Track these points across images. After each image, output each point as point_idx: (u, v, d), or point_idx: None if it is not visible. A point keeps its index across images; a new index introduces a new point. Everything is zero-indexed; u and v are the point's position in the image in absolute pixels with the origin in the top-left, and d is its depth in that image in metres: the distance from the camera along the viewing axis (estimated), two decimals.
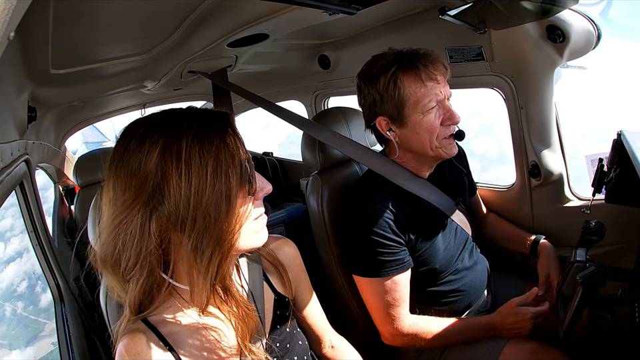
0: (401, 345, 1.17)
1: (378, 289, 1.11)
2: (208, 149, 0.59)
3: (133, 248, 0.59)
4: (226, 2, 0.97)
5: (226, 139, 0.61)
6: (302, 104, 2.40)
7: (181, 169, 0.57)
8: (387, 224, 1.08)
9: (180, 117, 0.62)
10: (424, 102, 1.06)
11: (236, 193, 0.61)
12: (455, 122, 1.09)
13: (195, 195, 0.58)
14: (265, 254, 0.85)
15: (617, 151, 0.93)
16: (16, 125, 1.11)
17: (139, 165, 0.58)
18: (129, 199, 0.59)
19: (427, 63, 1.06)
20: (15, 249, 3.79)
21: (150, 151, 0.58)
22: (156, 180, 0.58)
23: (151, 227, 0.59)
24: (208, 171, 0.58)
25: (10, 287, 3.77)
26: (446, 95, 1.09)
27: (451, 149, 1.13)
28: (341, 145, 1.26)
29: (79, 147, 4.63)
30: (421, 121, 1.08)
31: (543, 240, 1.28)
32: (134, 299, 0.64)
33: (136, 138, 0.60)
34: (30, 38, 0.83)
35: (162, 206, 0.59)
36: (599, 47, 1.17)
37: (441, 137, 1.09)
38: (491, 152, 2.58)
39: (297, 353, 0.81)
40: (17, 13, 0.31)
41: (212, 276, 0.61)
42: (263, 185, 0.67)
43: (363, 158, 1.23)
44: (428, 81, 1.05)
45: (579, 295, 0.84)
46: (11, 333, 3.18)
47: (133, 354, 0.62)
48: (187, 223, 0.58)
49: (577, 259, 0.91)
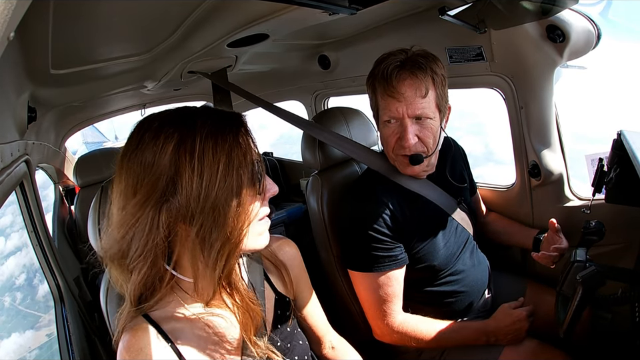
0: (391, 342, 1.17)
1: (371, 284, 1.12)
2: (221, 146, 0.60)
3: (141, 239, 0.60)
4: (226, 2, 0.97)
5: (239, 138, 0.63)
6: (302, 104, 2.40)
7: (194, 163, 0.59)
8: (383, 220, 1.09)
9: (195, 114, 0.64)
10: (381, 113, 1.10)
11: (246, 190, 0.63)
12: (404, 146, 1.06)
13: (206, 189, 0.59)
14: (266, 254, 0.85)
15: (617, 151, 0.92)
16: (16, 125, 1.11)
17: (154, 157, 0.59)
18: (142, 197, 0.59)
19: (400, 78, 1.03)
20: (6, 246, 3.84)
21: (165, 145, 0.59)
22: (169, 174, 0.59)
23: (160, 219, 0.60)
24: (220, 167, 0.60)
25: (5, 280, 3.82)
26: (406, 113, 1.04)
27: (404, 168, 1.13)
28: (341, 145, 1.27)
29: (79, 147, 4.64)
30: (381, 131, 1.13)
31: (545, 235, 1.26)
32: (134, 290, 0.65)
33: (151, 131, 0.61)
34: (30, 38, 0.83)
35: (173, 198, 0.60)
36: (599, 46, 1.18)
37: (395, 152, 1.11)
38: (477, 150, 2.62)
39: (297, 352, 0.81)
40: (17, 12, 0.31)
41: (220, 269, 0.62)
42: (270, 186, 0.69)
43: (363, 157, 1.24)
44: (387, 96, 1.05)
45: (578, 295, 0.84)
46: (7, 326, 3.22)
47: (135, 350, 0.62)
48: (196, 215, 0.59)
49: (577, 259, 0.91)
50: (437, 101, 1.07)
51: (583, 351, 1.14)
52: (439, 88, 1.06)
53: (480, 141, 7.19)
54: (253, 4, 0.99)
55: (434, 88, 1.05)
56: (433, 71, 1.05)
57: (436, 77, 1.05)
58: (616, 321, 1.00)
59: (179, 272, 0.67)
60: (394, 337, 1.15)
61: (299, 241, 0.94)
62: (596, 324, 1.15)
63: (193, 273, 0.64)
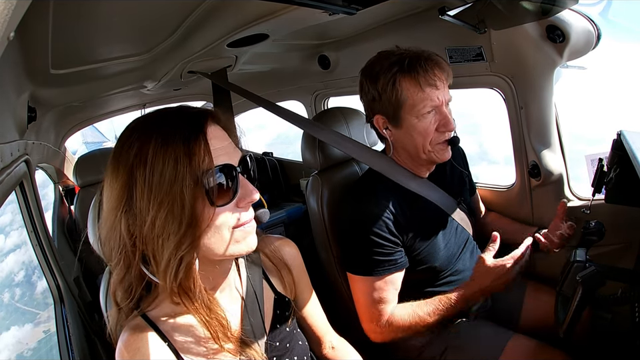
0: (383, 339, 1.17)
1: (369, 287, 1.12)
2: (170, 155, 0.58)
3: (114, 243, 0.63)
4: (226, 2, 0.97)
5: (192, 145, 0.59)
6: (302, 104, 2.40)
7: (145, 174, 0.59)
8: (385, 224, 1.08)
9: (157, 120, 0.64)
10: (420, 106, 1.06)
11: (193, 202, 0.59)
12: (450, 129, 1.08)
13: (154, 199, 0.58)
14: (266, 254, 0.85)
15: (617, 151, 0.92)
16: (16, 125, 1.11)
17: (118, 164, 0.61)
18: (112, 203, 0.62)
19: (427, 67, 1.04)
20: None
21: (128, 152, 0.60)
22: (130, 183, 0.60)
23: (122, 226, 0.61)
24: (166, 178, 0.58)
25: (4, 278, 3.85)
26: (444, 100, 1.07)
27: (443, 155, 1.12)
28: (341, 144, 1.27)
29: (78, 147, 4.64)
30: (416, 125, 1.08)
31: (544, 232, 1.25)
32: (113, 289, 0.67)
33: (122, 138, 0.63)
34: (30, 38, 0.83)
35: (132, 207, 0.61)
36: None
37: (434, 142, 1.10)
38: (471, 150, 2.64)
39: (297, 352, 0.81)
40: (17, 12, 0.31)
41: (170, 278, 0.61)
42: (245, 194, 0.64)
43: (364, 156, 1.24)
44: (426, 86, 1.05)
45: (578, 295, 0.84)
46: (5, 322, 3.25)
47: (133, 350, 0.63)
48: (146, 225, 0.60)
49: (577, 259, 0.91)
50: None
51: (583, 351, 1.14)
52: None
53: (474, 141, 7.30)
54: (253, 4, 0.99)
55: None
56: (442, 58, 1.10)
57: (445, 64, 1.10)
58: (616, 320, 1.00)
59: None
60: (385, 335, 1.15)
61: (298, 241, 0.94)
62: (596, 324, 1.15)
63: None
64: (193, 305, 0.64)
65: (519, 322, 1.27)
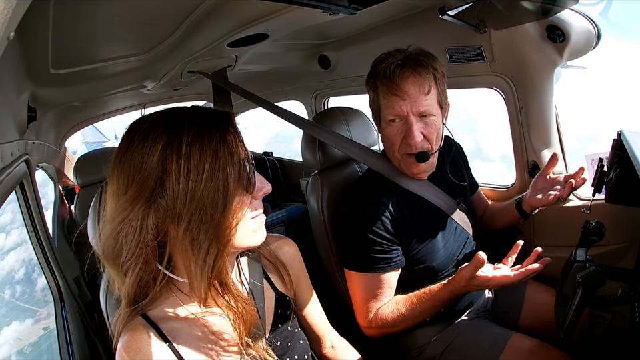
0: (375, 334, 1.17)
1: (364, 283, 1.13)
2: (207, 146, 0.60)
3: (132, 240, 0.61)
4: (226, 2, 0.97)
5: (226, 137, 0.63)
6: (302, 104, 2.40)
7: (181, 164, 0.59)
8: (382, 222, 1.09)
9: (183, 115, 0.64)
10: (384, 113, 1.09)
11: (233, 189, 0.63)
12: (410, 143, 1.06)
13: (192, 189, 0.59)
14: (266, 253, 0.85)
15: (617, 151, 0.92)
16: (16, 125, 1.11)
17: (142, 159, 0.60)
18: (132, 196, 0.60)
19: (399, 76, 1.03)
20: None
21: (153, 146, 0.60)
22: (157, 174, 0.59)
23: (149, 220, 0.60)
24: (206, 167, 0.60)
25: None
26: (410, 112, 1.04)
27: (409, 168, 1.12)
28: (341, 145, 1.27)
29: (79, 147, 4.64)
30: (384, 130, 1.12)
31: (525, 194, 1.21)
32: (128, 290, 0.65)
33: (140, 133, 0.62)
34: (30, 38, 0.83)
35: (161, 199, 0.60)
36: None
37: (402, 152, 1.10)
38: (466, 147, 2.73)
39: (298, 351, 0.81)
40: (17, 12, 0.31)
41: (209, 269, 0.62)
42: (262, 185, 0.68)
43: (363, 157, 1.24)
44: (390, 95, 1.05)
45: (578, 295, 0.84)
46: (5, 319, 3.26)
47: (133, 350, 0.63)
48: (184, 216, 0.60)
49: (577, 259, 0.90)
50: (439, 97, 1.08)
51: (583, 351, 1.14)
52: (440, 85, 1.08)
53: (470, 139, 7.36)
54: (252, 4, 0.99)
55: (435, 85, 1.06)
56: (434, 68, 1.06)
57: (437, 73, 1.07)
58: (616, 320, 1.00)
59: (175, 272, 0.68)
60: (375, 331, 1.15)
61: (299, 241, 0.94)
62: (596, 324, 1.15)
63: (187, 272, 0.65)
64: (224, 298, 0.66)
65: (518, 322, 1.26)
